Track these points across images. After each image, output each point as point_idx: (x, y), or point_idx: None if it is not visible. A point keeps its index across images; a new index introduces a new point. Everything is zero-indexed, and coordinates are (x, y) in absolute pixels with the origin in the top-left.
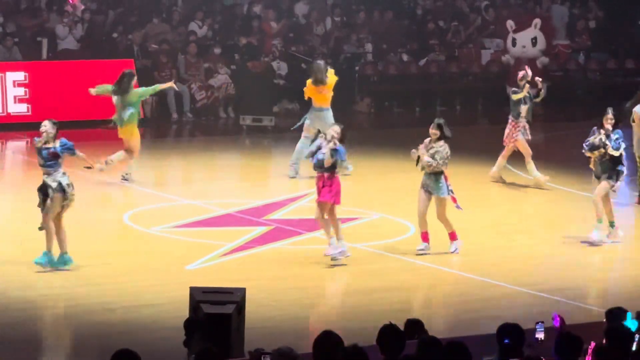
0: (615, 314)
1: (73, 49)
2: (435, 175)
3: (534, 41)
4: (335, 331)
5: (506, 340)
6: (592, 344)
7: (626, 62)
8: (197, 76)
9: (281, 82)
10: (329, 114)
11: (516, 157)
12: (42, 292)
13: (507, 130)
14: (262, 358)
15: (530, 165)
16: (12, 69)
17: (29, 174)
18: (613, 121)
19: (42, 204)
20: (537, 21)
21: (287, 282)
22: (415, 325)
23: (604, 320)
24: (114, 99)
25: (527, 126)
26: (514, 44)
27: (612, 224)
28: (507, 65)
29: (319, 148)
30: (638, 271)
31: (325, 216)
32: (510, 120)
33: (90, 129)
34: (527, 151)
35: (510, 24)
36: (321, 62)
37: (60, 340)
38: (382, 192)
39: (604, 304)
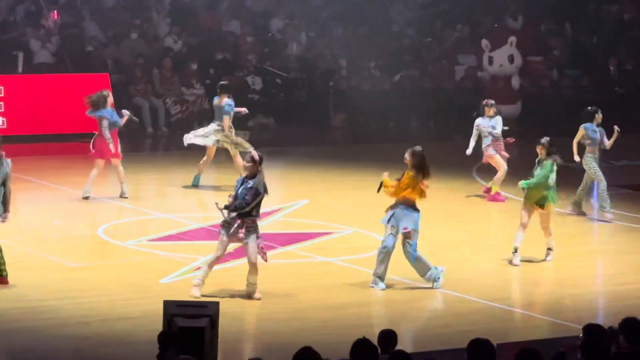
0: (593, 330)
1: (48, 62)
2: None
3: (511, 59)
4: (308, 346)
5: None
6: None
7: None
8: (172, 90)
9: (255, 97)
10: None
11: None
12: (16, 304)
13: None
14: None
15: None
16: None
17: None
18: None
19: None
20: (513, 39)
21: (262, 296)
22: (389, 337)
23: (580, 335)
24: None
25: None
26: (490, 62)
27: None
28: (481, 80)
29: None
30: (610, 287)
31: None
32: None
33: (65, 143)
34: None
35: (485, 43)
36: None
37: (34, 354)
38: (356, 207)
39: (578, 320)
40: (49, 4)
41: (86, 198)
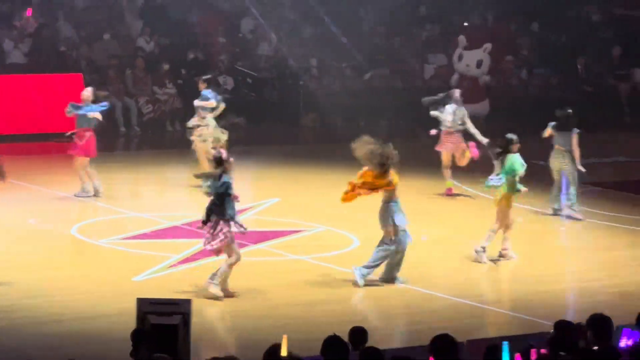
0: (563, 326)
1: (21, 62)
2: None
3: (479, 63)
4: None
5: None
6: (534, 354)
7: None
8: (144, 90)
9: (227, 97)
10: None
11: (460, 170)
12: None
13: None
14: None
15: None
16: None
17: None
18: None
19: None
20: (488, 46)
21: (234, 293)
22: (360, 334)
23: (551, 331)
24: None
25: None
26: (460, 58)
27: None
28: (453, 83)
29: None
30: (579, 283)
31: None
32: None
33: (39, 142)
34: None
35: (462, 39)
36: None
37: (9, 353)
38: (327, 206)
39: (547, 316)
40: (22, 5)
41: (95, 195)
